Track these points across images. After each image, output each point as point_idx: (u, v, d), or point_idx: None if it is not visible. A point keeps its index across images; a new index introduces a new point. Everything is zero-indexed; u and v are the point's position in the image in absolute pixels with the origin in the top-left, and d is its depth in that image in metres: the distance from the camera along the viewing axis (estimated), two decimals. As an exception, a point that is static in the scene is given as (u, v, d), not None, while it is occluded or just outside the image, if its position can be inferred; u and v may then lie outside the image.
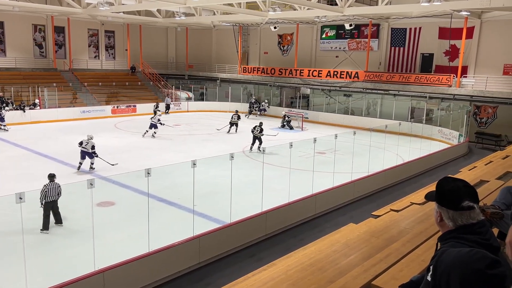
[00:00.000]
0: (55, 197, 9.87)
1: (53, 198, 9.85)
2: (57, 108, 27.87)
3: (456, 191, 2.00)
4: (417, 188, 12.33)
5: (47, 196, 9.70)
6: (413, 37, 27.51)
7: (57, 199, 9.92)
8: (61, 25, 32.67)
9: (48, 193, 9.73)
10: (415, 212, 6.93)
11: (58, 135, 22.38)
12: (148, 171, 8.08)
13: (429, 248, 4.75)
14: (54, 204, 9.91)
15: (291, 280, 4.68)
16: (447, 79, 24.60)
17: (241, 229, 9.78)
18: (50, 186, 9.82)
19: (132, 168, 15.04)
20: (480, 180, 8.05)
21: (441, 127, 24.13)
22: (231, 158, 9.91)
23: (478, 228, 1.94)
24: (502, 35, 23.69)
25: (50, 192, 9.77)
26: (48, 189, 9.73)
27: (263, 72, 33.81)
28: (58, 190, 9.92)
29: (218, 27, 37.88)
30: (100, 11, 27.97)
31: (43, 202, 9.69)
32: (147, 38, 37.65)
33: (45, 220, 9.82)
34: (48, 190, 9.73)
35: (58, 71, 32.10)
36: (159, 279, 8.15)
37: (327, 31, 31.71)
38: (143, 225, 8.79)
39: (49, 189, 9.75)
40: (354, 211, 12.41)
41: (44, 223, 9.79)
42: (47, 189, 9.73)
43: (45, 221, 9.81)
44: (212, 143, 21.27)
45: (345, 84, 29.26)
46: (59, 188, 9.93)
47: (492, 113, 24.86)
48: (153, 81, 36.46)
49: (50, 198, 9.77)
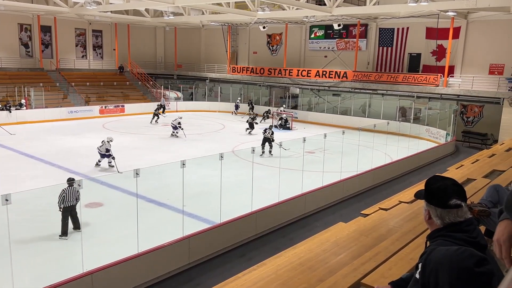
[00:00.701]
0: (73, 202, 9.61)
1: (72, 203, 9.59)
2: (44, 109, 27.52)
3: (444, 190, 2.02)
4: (405, 186, 12.45)
5: (65, 201, 9.44)
6: (400, 37, 27.74)
7: (75, 204, 9.66)
8: (47, 24, 32.28)
9: (67, 198, 9.46)
10: (404, 211, 6.99)
11: (45, 135, 22.11)
12: (137, 172, 8.02)
13: (417, 246, 4.79)
14: (72, 209, 9.65)
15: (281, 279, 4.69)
16: (434, 79, 24.86)
17: (231, 229, 9.77)
18: (69, 190, 9.53)
19: (120, 169, 14.92)
20: (467, 179, 8.15)
21: (429, 126, 24.38)
22: (220, 158, 9.89)
23: (466, 226, 1.96)
24: (488, 35, 24.01)
25: (69, 196, 9.50)
26: (66, 194, 9.47)
27: (253, 72, 33.81)
28: (76, 194, 9.64)
29: (207, 26, 37.77)
30: (87, 10, 27.68)
31: (61, 206, 9.42)
32: (135, 37, 37.39)
33: (64, 226, 9.53)
34: (66, 195, 9.46)
35: (44, 71, 31.71)
36: (148, 280, 8.10)
37: (316, 31, 31.83)
38: (132, 226, 8.71)
39: (67, 193, 9.48)
40: (344, 210, 12.47)
41: (62, 228, 9.51)
42: (65, 193, 9.46)
43: (63, 226, 9.53)
44: (201, 143, 21.20)
45: (334, 84, 29.39)
46: (77, 193, 9.64)
47: (478, 112, 25.19)
48: (141, 81, 36.22)
49: (68, 203, 9.51)
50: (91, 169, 15.39)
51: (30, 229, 10.25)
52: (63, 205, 9.42)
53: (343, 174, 13.97)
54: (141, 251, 8.08)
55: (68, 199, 9.48)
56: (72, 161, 16.60)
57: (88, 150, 18.86)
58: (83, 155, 17.90)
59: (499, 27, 23.43)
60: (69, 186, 9.57)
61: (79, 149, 18.94)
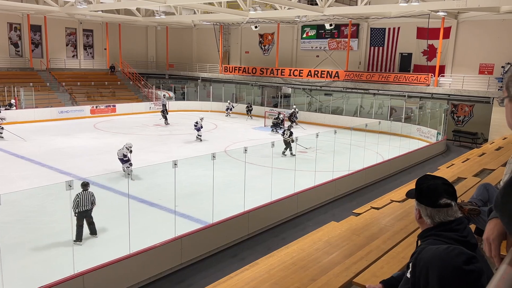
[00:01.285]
0: (88, 206, 9.37)
1: (86, 208, 9.34)
2: (34, 109, 27.26)
3: (434, 189, 2.04)
4: (397, 186, 12.53)
5: (79, 206, 9.18)
6: (392, 37, 27.89)
7: (91, 209, 9.44)
8: (37, 23, 31.96)
9: (81, 203, 9.21)
10: (395, 210, 7.03)
11: (35, 136, 21.90)
12: (128, 172, 7.97)
13: (409, 245, 4.82)
14: (87, 214, 9.40)
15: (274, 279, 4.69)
16: (425, 78, 25.04)
17: (223, 229, 9.76)
18: (83, 195, 9.28)
19: (112, 169, 14.81)
20: (457, 177, 8.22)
21: (420, 126, 24.55)
22: (213, 158, 9.88)
23: (456, 226, 1.97)
24: (478, 35, 24.24)
25: (83, 201, 9.25)
26: (80, 199, 9.20)
27: (245, 72, 33.79)
28: (91, 199, 9.42)
29: (199, 26, 37.67)
30: (78, 10, 27.47)
31: (76, 211, 9.14)
32: (126, 37, 37.17)
33: (78, 231, 9.27)
34: (80, 200, 9.20)
35: (34, 71, 31.41)
36: (140, 281, 8.06)
37: (308, 31, 31.89)
38: (123, 226, 8.68)
39: (81, 198, 9.22)
40: (336, 209, 12.51)
41: (77, 233, 9.24)
42: (79, 198, 9.19)
43: (78, 231, 9.26)
44: (193, 143, 21.15)
45: (326, 83, 29.48)
46: (92, 197, 9.43)
47: (468, 111, 25.41)
48: (133, 80, 36.02)
49: (82, 207, 9.25)
50: (82, 170, 15.27)
51: (21, 230, 10.16)
52: (77, 209, 9.14)
53: (335, 173, 14.02)
54: (133, 251, 8.05)
55: (83, 203, 9.23)
56: (63, 162, 16.46)
57: (79, 150, 18.75)
58: (73, 155, 17.77)
59: (488, 27, 23.65)
60: (83, 191, 9.34)
61: (70, 150, 18.80)
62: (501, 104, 1.49)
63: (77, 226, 9.20)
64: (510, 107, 1.37)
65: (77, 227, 9.21)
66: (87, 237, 9.54)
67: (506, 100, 1.39)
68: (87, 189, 9.41)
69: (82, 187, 9.39)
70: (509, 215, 1.27)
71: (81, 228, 9.29)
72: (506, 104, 1.40)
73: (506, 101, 1.39)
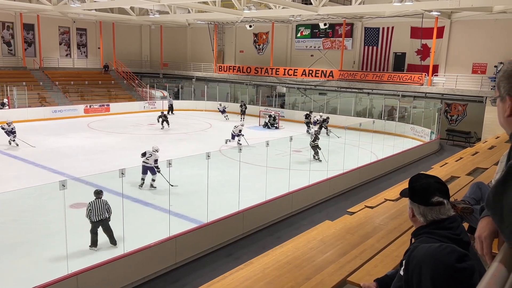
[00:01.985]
0: (103, 215, 8.79)
1: (101, 217, 8.77)
2: (27, 108, 27.07)
3: (427, 187, 2.05)
4: (390, 184, 12.57)
5: (92, 215, 8.72)
6: (386, 37, 27.99)
7: (107, 218, 8.86)
8: (30, 22, 31.73)
9: (94, 212, 8.71)
10: (389, 209, 7.06)
11: (28, 135, 21.74)
12: (122, 172, 7.96)
13: (402, 243, 4.85)
14: (103, 223, 8.88)
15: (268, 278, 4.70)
16: (419, 78, 25.16)
17: (218, 229, 9.75)
18: (95, 203, 8.77)
19: (106, 169, 14.74)
20: (451, 176, 8.27)
21: (414, 125, 24.67)
22: (207, 157, 9.87)
23: (449, 224, 1.99)
24: (471, 34, 24.39)
25: (96, 210, 8.73)
26: (92, 207, 8.72)
27: (239, 71, 33.77)
28: (106, 207, 8.86)
29: (193, 25, 37.58)
30: (71, 8, 27.33)
31: (90, 220, 8.79)
32: (120, 36, 37.00)
33: (93, 237, 8.91)
34: (92, 208, 8.72)
35: (27, 70, 31.19)
36: (134, 281, 8.04)
37: (302, 30, 31.92)
38: (117, 226, 8.65)
39: (93, 207, 8.73)
40: (330, 208, 12.55)
41: (92, 239, 8.90)
42: (91, 207, 8.74)
43: (92, 237, 8.90)
44: (188, 143, 21.11)
45: (320, 83, 29.53)
46: (106, 205, 8.87)
47: (462, 110, 25.57)
48: (127, 79, 35.88)
49: (96, 217, 8.74)
50: (76, 169, 15.18)
51: (14, 230, 10.09)
52: (90, 219, 8.77)
53: (330, 172, 14.06)
54: (127, 251, 8.02)
55: (96, 213, 8.74)
56: (56, 161, 16.37)
57: (72, 150, 18.65)
58: (67, 155, 17.68)
59: (481, 27, 23.80)
60: (96, 199, 8.86)
61: (64, 149, 18.70)
62: (493, 104, 1.50)
63: (91, 233, 8.89)
64: (501, 106, 1.39)
65: (91, 234, 8.89)
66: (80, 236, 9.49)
67: (498, 100, 1.40)
68: (99, 196, 8.92)
69: (95, 195, 8.94)
70: (501, 214, 1.28)
71: (95, 235, 8.91)
72: (497, 103, 1.41)
73: (497, 101, 1.41)
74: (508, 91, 1.35)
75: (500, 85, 1.38)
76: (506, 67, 1.38)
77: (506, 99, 1.36)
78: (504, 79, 1.37)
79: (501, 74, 1.40)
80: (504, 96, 1.37)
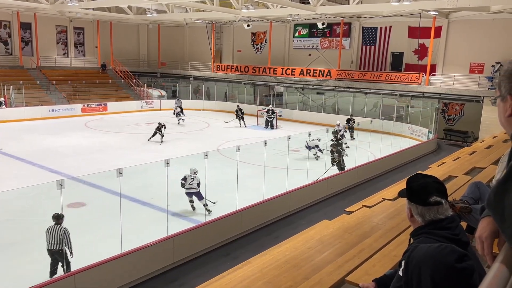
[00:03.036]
0: (55, 245, 7.50)
1: (52, 247, 7.52)
2: (24, 107, 26.98)
3: (425, 187, 2.05)
4: (388, 184, 12.57)
5: (47, 243, 7.56)
6: (383, 36, 28.02)
7: (59, 249, 7.52)
8: (27, 21, 31.61)
9: (48, 239, 7.54)
10: (387, 208, 7.06)
11: (25, 135, 21.69)
12: (120, 171, 7.94)
13: (401, 243, 4.85)
14: (58, 254, 7.58)
15: (267, 277, 4.69)
16: (416, 77, 25.19)
17: (216, 228, 9.74)
18: (51, 230, 7.57)
19: (103, 168, 14.71)
20: (448, 176, 8.28)
21: (411, 124, 24.71)
22: (205, 157, 9.86)
23: (448, 224, 1.99)
24: (468, 34, 24.44)
25: (49, 237, 7.54)
26: (47, 233, 7.57)
27: (237, 70, 33.74)
28: (59, 237, 7.45)
29: (191, 24, 37.52)
30: (69, 7, 27.23)
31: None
32: (118, 35, 36.91)
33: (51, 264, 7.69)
34: (47, 235, 7.56)
35: (25, 69, 31.09)
36: (132, 281, 8.02)
37: (300, 30, 31.92)
38: (115, 226, 8.62)
39: (48, 233, 7.56)
40: (328, 207, 12.55)
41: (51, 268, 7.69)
42: (47, 233, 7.58)
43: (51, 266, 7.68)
44: (185, 142, 21.08)
45: (318, 82, 29.54)
46: (63, 235, 7.48)
47: (459, 110, 25.63)
48: (124, 79, 35.79)
49: (50, 245, 7.53)
50: (73, 169, 15.14)
51: (11, 230, 10.05)
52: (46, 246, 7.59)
53: (327, 172, 14.06)
54: (124, 251, 8.00)
55: (50, 240, 7.52)
56: (54, 161, 16.33)
57: (70, 149, 18.61)
58: (65, 154, 17.63)
59: (479, 26, 23.86)
60: (55, 224, 7.59)
61: (61, 148, 18.65)
62: (494, 104, 1.50)
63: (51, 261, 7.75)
64: (502, 106, 1.38)
65: (51, 262, 7.72)
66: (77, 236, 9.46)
67: (498, 100, 1.40)
68: (58, 222, 7.60)
69: (53, 220, 7.62)
70: (502, 214, 1.27)
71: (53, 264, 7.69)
72: (498, 103, 1.41)
73: (498, 101, 1.40)
74: (509, 91, 1.34)
75: (501, 84, 1.38)
76: (507, 66, 1.38)
77: (507, 99, 1.35)
78: (505, 78, 1.36)
79: (502, 73, 1.39)
80: (505, 95, 1.36)
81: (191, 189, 11.13)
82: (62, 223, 7.63)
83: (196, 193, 11.18)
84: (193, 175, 11.16)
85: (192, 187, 11.11)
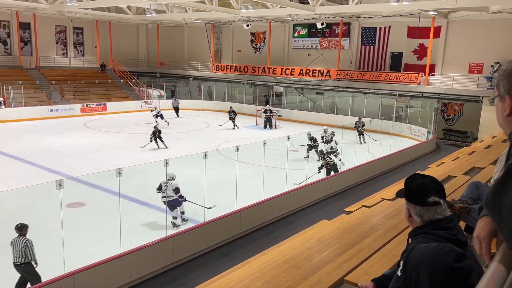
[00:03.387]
0: (18, 258, 6.97)
1: (15, 260, 7.00)
2: (23, 107, 26.97)
3: (423, 187, 2.05)
4: (387, 184, 12.58)
5: (13, 255, 7.10)
6: (383, 36, 28.03)
7: (21, 263, 7.00)
8: (26, 21, 31.59)
9: (12, 251, 7.09)
10: (386, 208, 7.07)
11: (24, 134, 21.68)
12: (119, 171, 7.93)
13: (399, 243, 4.85)
14: (21, 268, 7.10)
15: (266, 277, 4.69)
16: (415, 77, 25.21)
17: (215, 228, 9.74)
18: (13, 242, 7.08)
19: (103, 168, 14.71)
20: (447, 176, 8.28)
21: (410, 124, 24.72)
22: (204, 157, 9.85)
23: (446, 224, 1.99)
24: (468, 34, 24.46)
25: (13, 250, 7.07)
26: (11, 246, 7.11)
27: (236, 70, 33.74)
28: (22, 250, 6.91)
29: (190, 24, 37.52)
30: (68, 7, 27.20)
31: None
32: (117, 35, 36.89)
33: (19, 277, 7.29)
34: (11, 247, 7.10)
35: (24, 69, 31.07)
36: (131, 281, 8.02)
37: (299, 30, 31.93)
38: (114, 225, 8.62)
39: (12, 245, 7.10)
40: (327, 207, 12.55)
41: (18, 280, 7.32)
42: (11, 245, 7.12)
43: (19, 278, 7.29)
44: (185, 142, 21.08)
45: (317, 82, 29.55)
46: (24, 248, 6.93)
47: (458, 110, 25.64)
48: (123, 78, 35.78)
49: (14, 258, 7.05)
50: (72, 169, 15.14)
51: (10, 230, 10.02)
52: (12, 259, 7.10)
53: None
54: (124, 251, 8.00)
55: (15, 253, 7.03)
56: (53, 161, 16.33)
57: (69, 149, 18.59)
58: (64, 154, 17.62)
59: (478, 26, 23.88)
60: (18, 236, 7.08)
61: (60, 148, 18.65)
62: (492, 104, 1.50)
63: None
64: (500, 106, 1.38)
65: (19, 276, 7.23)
66: (77, 236, 9.46)
67: (497, 99, 1.40)
68: (21, 233, 7.11)
69: (16, 231, 7.15)
70: (500, 213, 1.28)
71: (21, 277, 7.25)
72: (496, 103, 1.41)
73: (496, 100, 1.40)
74: (508, 90, 1.35)
75: (500, 84, 1.38)
76: (505, 66, 1.38)
77: (505, 98, 1.35)
78: (504, 78, 1.36)
79: (500, 73, 1.39)
80: (503, 95, 1.36)
81: (165, 197, 10.12)
82: (26, 234, 7.13)
83: (171, 201, 10.15)
84: (169, 181, 10.13)
85: (166, 195, 10.07)
